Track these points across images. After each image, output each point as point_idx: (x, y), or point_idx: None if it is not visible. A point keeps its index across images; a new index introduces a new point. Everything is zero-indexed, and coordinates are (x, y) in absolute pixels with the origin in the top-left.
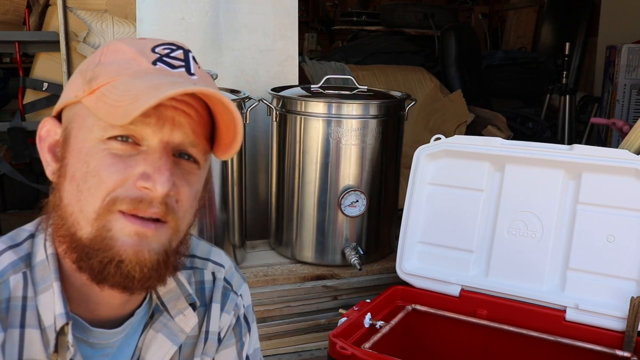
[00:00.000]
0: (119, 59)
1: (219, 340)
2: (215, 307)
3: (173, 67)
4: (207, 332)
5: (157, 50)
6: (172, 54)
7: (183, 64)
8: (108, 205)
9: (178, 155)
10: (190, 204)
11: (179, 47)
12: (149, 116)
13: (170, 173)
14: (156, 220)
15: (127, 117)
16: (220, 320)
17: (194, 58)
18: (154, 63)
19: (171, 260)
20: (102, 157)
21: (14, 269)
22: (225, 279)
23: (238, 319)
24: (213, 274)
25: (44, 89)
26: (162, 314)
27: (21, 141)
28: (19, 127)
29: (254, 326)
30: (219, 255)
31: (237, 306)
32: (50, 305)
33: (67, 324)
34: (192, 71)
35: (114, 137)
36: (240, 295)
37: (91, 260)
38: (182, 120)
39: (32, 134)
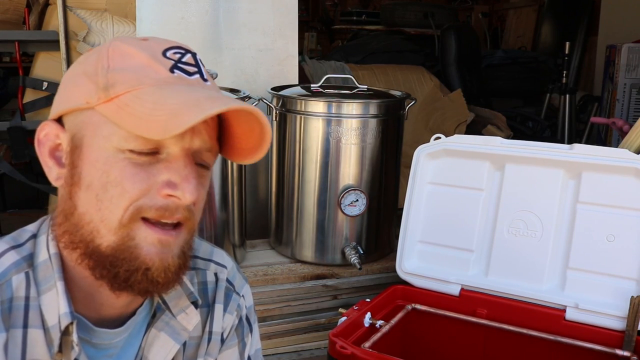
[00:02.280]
0: (132, 64)
1: (222, 341)
2: (219, 307)
3: (189, 74)
4: (210, 333)
5: (168, 55)
6: (183, 59)
7: (197, 69)
8: (132, 214)
9: (194, 163)
10: (203, 205)
11: (187, 51)
12: None
13: (197, 182)
14: (176, 224)
15: (167, 133)
16: (223, 320)
17: (201, 61)
18: (172, 70)
19: (187, 260)
20: (122, 167)
21: (17, 268)
22: (227, 280)
23: (240, 319)
24: (216, 274)
25: (43, 88)
26: (164, 312)
27: (21, 140)
28: (18, 127)
29: (255, 327)
30: (221, 256)
31: (239, 307)
32: (54, 305)
33: (71, 323)
34: (205, 77)
35: (135, 150)
36: (243, 296)
37: (117, 269)
38: (201, 126)
39: (32, 133)
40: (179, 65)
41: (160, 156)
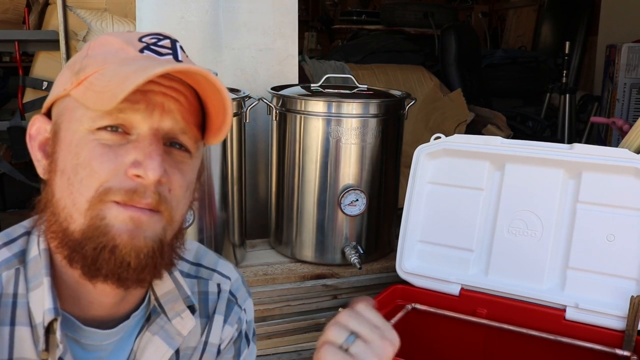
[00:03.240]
0: (106, 50)
1: (218, 353)
2: (218, 318)
3: (160, 54)
4: (205, 343)
5: (144, 40)
6: (159, 43)
7: (170, 51)
8: (101, 195)
9: (169, 144)
10: (183, 193)
11: (166, 37)
12: (138, 102)
13: (161, 159)
14: (150, 211)
15: (115, 99)
16: (222, 332)
17: (181, 47)
18: (141, 51)
19: (166, 252)
20: (91, 147)
21: (7, 265)
22: (230, 292)
23: (240, 333)
24: (218, 285)
25: (43, 87)
26: (159, 315)
27: (21, 140)
28: (18, 126)
29: (253, 343)
30: (226, 267)
31: (240, 320)
32: (41, 302)
33: (55, 319)
34: (180, 58)
35: (104, 128)
36: (244, 309)
37: (85, 249)
38: (172, 106)
39: None
40: (151, 47)
41: (130, 137)
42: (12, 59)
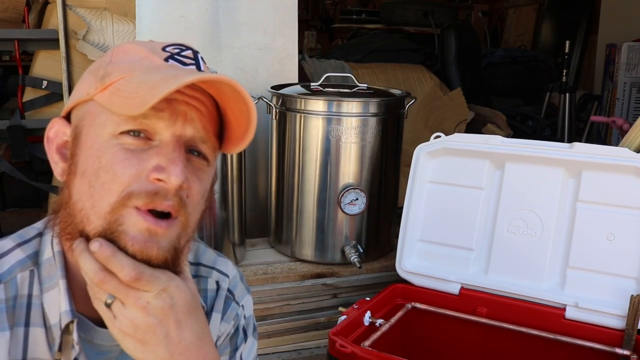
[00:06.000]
0: (130, 57)
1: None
2: (216, 316)
3: (184, 64)
4: None
5: (167, 49)
6: (182, 53)
7: (193, 62)
8: (123, 199)
9: (188, 151)
10: (199, 200)
11: (188, 48)
12: (162, 110)
13: (183, 165)
14: (168, 216)
15: (146, 104)
16: (219, 329)
17: (202, 58)
18: (166, 60)
19: (178, 258)
20: (114, 152)
21: (22, 266)
22: (228, 289)
23: (237, 329)
24: (217, 282)
25: (43, 87)
26: None
27: (20, 139)
28: (18, 125)
29: (252, 338)
30: (225, 264)
31: (237, 316)
32: (56, 304)
33: (72, 322)
34: (202, 69)
35: (127, 132)
36: (242, 305)
37: None
38: (194, 115)
39: (32, 132)
40: (176, 57)
41: (152, 143)
42: (12, 58)
